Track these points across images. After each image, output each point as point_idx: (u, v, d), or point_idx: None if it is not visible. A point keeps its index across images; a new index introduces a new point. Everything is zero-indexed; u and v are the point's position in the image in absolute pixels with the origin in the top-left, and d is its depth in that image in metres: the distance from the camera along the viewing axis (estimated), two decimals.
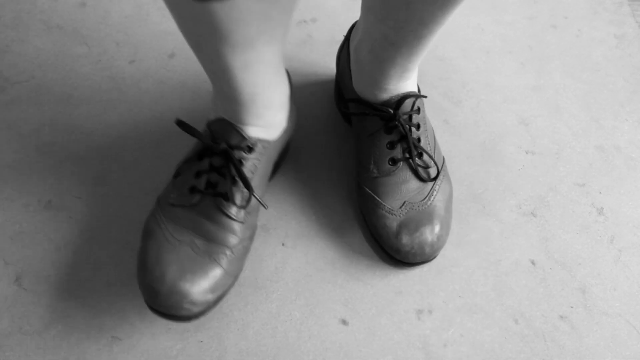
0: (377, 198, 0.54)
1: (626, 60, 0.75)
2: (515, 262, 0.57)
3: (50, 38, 0.72)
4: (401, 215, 0.53)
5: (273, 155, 0.54)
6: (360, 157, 0.57)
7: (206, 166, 0.49)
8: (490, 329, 0.53)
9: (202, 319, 0.52)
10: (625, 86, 0.72)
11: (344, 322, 0.53)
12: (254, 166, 0.51)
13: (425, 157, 0.55)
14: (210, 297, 0.47)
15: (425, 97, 0.56)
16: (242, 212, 0.50)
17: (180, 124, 0.49)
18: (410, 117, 0.55)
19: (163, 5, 0.77)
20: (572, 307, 0.55)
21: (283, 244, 0.57)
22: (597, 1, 0.82)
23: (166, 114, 0.66)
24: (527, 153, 0.65)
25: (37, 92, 0.67)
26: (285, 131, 0.55)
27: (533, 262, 0.57)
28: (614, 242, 0.59)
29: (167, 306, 0.45)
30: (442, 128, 0.67)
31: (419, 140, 0.56)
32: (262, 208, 0.57)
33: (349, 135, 0.65)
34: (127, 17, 0.75)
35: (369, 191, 0.55)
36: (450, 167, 0.63)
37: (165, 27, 0.74)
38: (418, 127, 0.56)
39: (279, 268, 0.55)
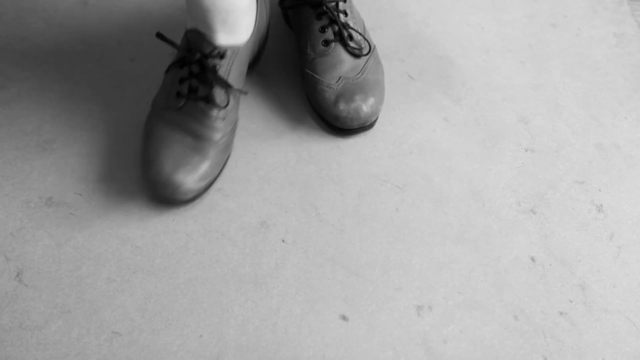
0: (316, 76, 0.63)
1: (625, 59, 0.75)
2: (515, 259, 0.57)
3: (52, 36, 0.72)
4: (338, 88, 0.62)
5: (245, 56, 0.60)
6: (299, 44, 0.66)
7: (186, 73, 0.57)
8: (490, 325, 0.53)
9: (202, 315, 0.52)
10: (625, 84, 0.72)
11: (344, 318, 0.53)
12: (227, 70, 0.58)
13: (355, 38, 0.64)
14: (201, 184, 0.56)
15: None
16: (222, 111, 0.58)
17: (160, 36, 0.57)
18: (337, 4, 0.64)
19: (164, 4, 0.77)
20: (571, 302, 0.55)
21: (283, 241, 0.57)
22: (597, 0, 0.82)
23: None
24: (526, 151, 0.65)
25: (38, 89, 0.67)
26: (254, 34, 0.61)
27: (533, 259, 0.57)
28: (614, 239, 0.59)
29: (165, 194, 0.55)
30: (441, 126, 0.67)
31: (347, 24, 0.64)
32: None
33: None
34: (128, 16, 0.75)
35: (309, 72, 0.64)
36: (450, 164, 0.63)
37: (166, 26, 0.74)
38: (345, 13, 0.64)
39: (279, 264, 0.56)
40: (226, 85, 0.57)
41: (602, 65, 0.74)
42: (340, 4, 0.64)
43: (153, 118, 0.59)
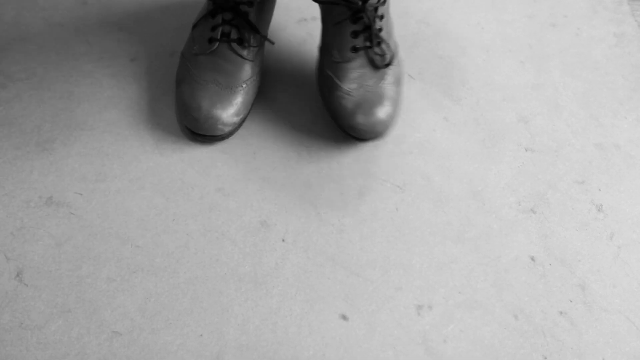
0: (336, 81, 0.61)
1: (625, 59, 0.75)
2: (515, 259, 0.57)
3: (52, 36, 0.72)
4: (357, 96, 0.60)
5: (270, 3, 0.64)
6: (325, 42, 0.64)
7: (219, 21, 0.62)
8: (490, 325, 0.53)
9: (202, 314, 0.52)
10: (625, 84, 0.72)
11: (344, 318, 0.53)
12: (256, 16, 0.62)
13: (382, 45, 0.62)
14: (236, 119, 0.61)
15: None
16: (252, 53, 0.63)
17: None
18: (376, 9, 0.61)
19: (164, 4, 0.77)
20: (571, 302, 0.55)
21: (283, 240, 0.57)
22: (597, 0, 0.82)
23: (167, 112, 0.66)
24: (526, 150, 0.65)
25: (38, 89, 0.67)
26: None
27: (533, 259, 0.57)
28: (614, 239, 0.59)
29: (205, 129, 0.60)
30: (442, 125, 0.67)
31: (380, 29, 0.62)
32: (267, 49, 0.71)
33: None
34: (128, 15, 0.75)
35: (330, 73, 0.62)
36: (450, 164, 0.63)
37: (166, 25, 0.74)
38: (382, 18, 0.62)
39: (279, 264, 0.56)
40: (257, 31, 0.62)
41: (602, 65, 0.74)
42: (380, 8, 0.61)
43: (184, 65, 0.64)
